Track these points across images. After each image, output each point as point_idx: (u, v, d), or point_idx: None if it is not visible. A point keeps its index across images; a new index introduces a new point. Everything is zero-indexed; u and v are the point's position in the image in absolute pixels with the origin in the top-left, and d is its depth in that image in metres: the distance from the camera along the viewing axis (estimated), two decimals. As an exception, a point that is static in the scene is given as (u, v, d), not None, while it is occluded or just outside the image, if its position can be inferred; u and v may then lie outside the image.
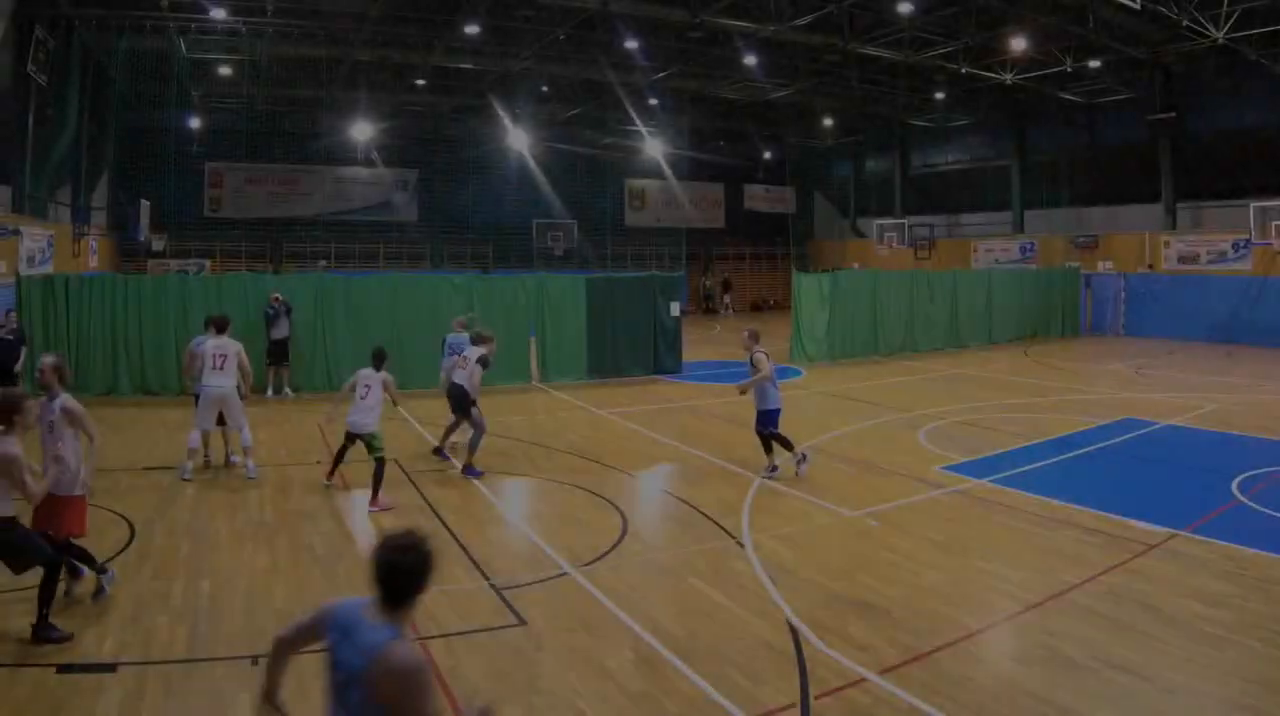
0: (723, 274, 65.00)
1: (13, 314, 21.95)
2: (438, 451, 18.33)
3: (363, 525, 14.26)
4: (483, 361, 16.87)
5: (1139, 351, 37.76)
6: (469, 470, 16.93)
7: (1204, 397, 25.58)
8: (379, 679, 4.74)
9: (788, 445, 17.10)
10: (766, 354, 17.30)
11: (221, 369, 16.70)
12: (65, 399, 10.68)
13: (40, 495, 9.56)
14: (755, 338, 17.59)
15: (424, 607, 10.49)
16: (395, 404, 16.82)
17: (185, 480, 16.44)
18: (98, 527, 13.36)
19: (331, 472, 16.43)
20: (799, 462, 17.04)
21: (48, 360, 11.15)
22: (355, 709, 4.87)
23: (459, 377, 17.10)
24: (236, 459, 17.65)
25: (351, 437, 15.99)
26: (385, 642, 4.82)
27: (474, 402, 17.15)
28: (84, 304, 25.34)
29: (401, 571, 4.97)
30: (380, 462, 15.30)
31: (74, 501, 10.63)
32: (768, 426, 17.17)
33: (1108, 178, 48.92)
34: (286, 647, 5.59)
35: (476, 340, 17.80)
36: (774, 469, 17.11)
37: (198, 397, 16.91)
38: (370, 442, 15.49)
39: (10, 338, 21.59)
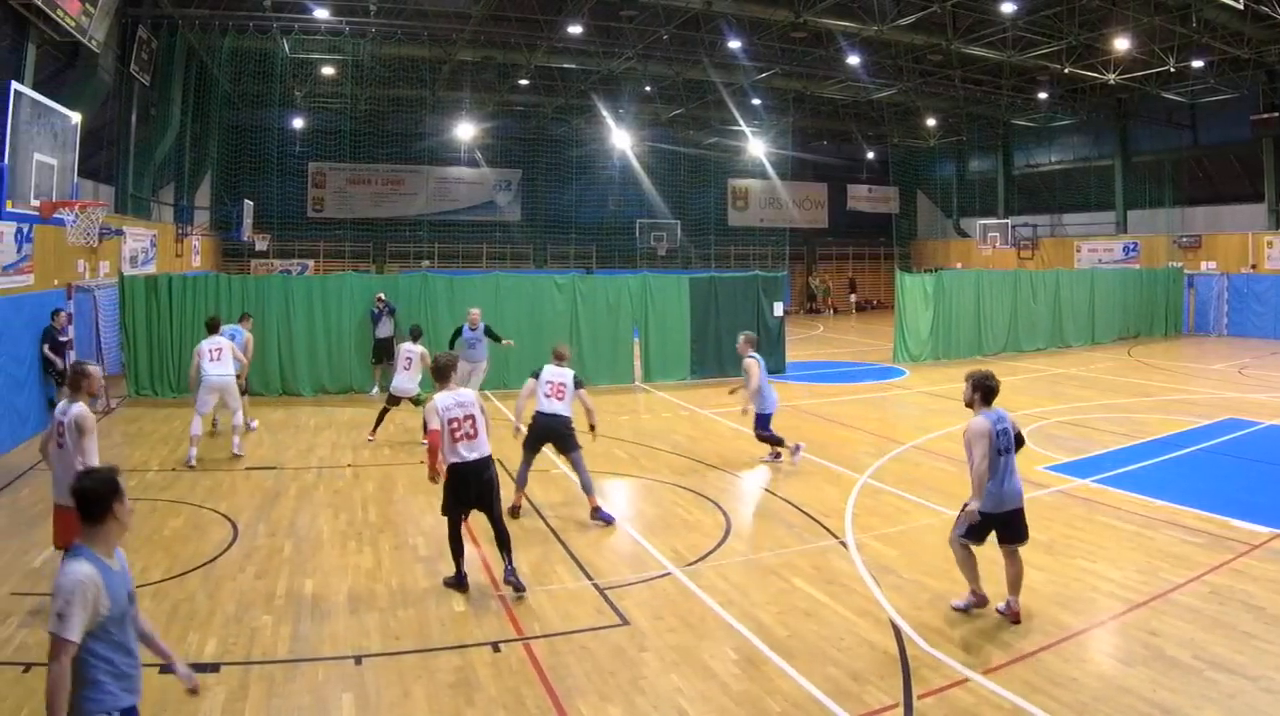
0: (849, 274, 64.89)
1: (63, 313, 22.14)
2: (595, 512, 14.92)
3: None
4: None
5: (1242, 351, 37.24)
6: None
7: (1309, 398, 25.22)
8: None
9: (778, 443, 18.16)
10: (758, 360, 18.01)
11: (218, 360, 18.58)
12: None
13: None
14: (751, 343, 18.21)
15: (527, 607, 10.80)
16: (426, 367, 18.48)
17: (191, 467, 17.80)
18: (201, 527, 13.96)
19: (374, 431, 20.35)
20: (794, 452, 18.17)
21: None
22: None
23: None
24: (240, 451, 19.05)
25: (395, 400, 20.00)
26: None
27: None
28: (186, 304, 25.64)
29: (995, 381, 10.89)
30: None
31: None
32: (762, 428, 18.10)
33: (1211, 177, 48.33)
34: None
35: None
36: (777, 456, 18.38)
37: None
38: (415, 401, 20.04)
39: (63, 339, 21.83)
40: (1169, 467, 17.73)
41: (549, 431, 14.92)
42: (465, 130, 53.04)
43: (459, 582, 11.50)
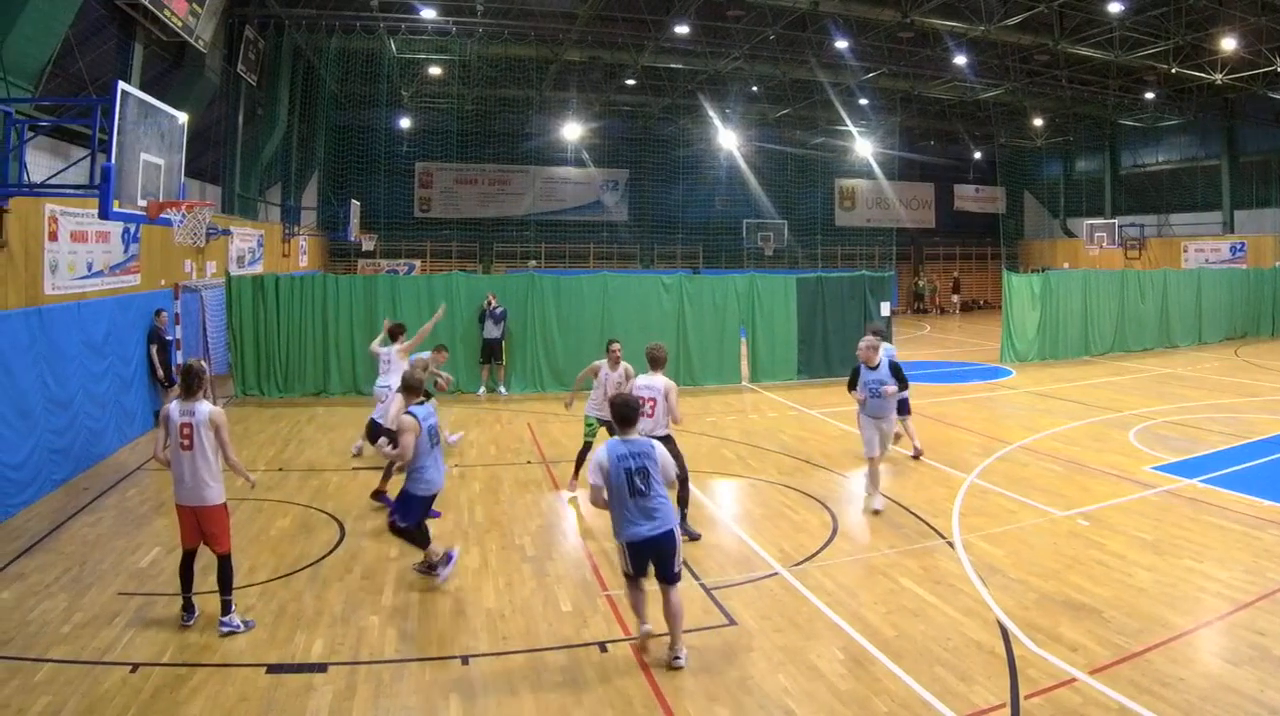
0: (954, 274, 64.43)
1: (164, 314, 22.42)
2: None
3: (572, 523, 14.78)
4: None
5: (1351, 352, 36.65)
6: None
7: None
8: None
9: (422, 544, 12.03)
10: (419, 417, 11.77)
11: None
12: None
13: None
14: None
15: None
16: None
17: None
18: (308, 528, 14.31)
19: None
20: (437, 566, 11.92)
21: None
22: None
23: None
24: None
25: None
26: None
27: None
28: (294, 304, 26.09)
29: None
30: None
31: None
32: (405, 518, 11.78)
33: (1319, 177, 47.77)
34: None
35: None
36: (450, 559, 12.04)
37: None
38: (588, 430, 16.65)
39: (169, 338, 22.26)
40: (1277, 467, 17.65)
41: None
42: (572, 130, 53.28)
43: None
